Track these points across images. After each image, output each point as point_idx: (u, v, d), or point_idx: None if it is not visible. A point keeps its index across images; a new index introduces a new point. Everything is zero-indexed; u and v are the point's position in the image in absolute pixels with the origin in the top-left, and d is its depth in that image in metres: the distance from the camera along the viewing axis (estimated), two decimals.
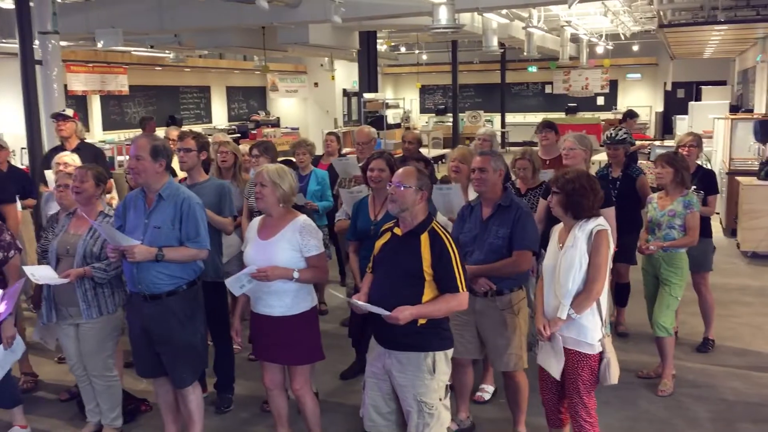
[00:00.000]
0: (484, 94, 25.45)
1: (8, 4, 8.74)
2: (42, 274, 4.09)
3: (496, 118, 23.64)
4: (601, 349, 3.56)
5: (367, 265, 3.70)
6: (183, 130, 5.15)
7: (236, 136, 16.70)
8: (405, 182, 3.40)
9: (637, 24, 16.43)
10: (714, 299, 5.79)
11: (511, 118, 24.35)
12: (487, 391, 4.91)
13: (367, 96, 14.50)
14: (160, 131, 11.40)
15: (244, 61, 19.18)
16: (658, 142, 14.49)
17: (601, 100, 23.85)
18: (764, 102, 12.58)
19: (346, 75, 19.69)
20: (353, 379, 5.19)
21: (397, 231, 3.46)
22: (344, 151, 9.51)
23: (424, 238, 3.34)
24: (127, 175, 5.77)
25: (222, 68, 18.91)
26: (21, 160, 10.98)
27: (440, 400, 3.39)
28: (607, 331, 3.68)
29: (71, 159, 5.26)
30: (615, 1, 13.08)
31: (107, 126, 15.85)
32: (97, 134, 15.31)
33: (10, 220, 5.33)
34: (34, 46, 7.89)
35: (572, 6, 8.97)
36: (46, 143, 7.72)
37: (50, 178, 5.49)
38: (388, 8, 9.65)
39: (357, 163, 6.11)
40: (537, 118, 20.69)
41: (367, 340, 3.62)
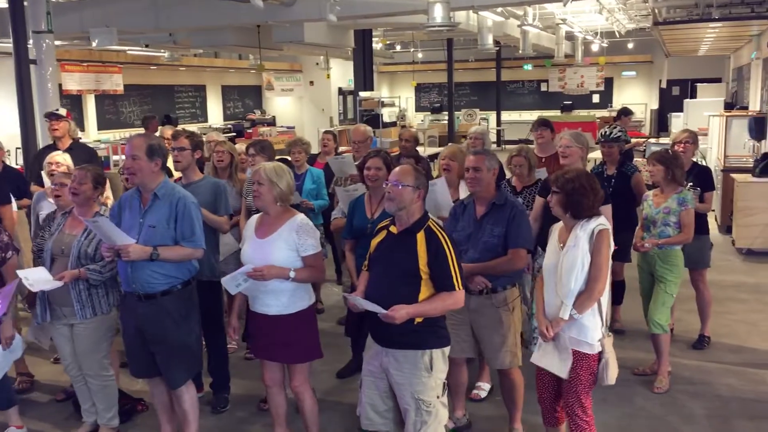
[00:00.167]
0: (480, 92, 25.47)
1: (2, 3, 8.71)
2: (36, 278, 4.06)
3: (492, 116, 23.65)
4: (600, 349, 3.56)
5: (363, 264, 3.69)
6: (177, 129, 5.12)
7: (232, 135, 16.70)
8: (403, 180, 3.39)
9: (632, 21, 16.46)
10: (711, 295, 5.80)
11: (507, 116, 24.37)
12: (483, 389, 4.92)
13: (363, 94, 14.50)
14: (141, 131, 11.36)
15: (240, 60, 19.16)
16: (653, 140, 14.50)
17: (596, 98, 23.87)
18: (759, 99, 12.59)
19: (342, 73, 19.67)
20: (350, 378, 5.19)
21: (393, 229, 3.45)
22: (340, 150, 9.50)
23: (420, 237, 3.34)
24: (123, 175, 5.74)
25: (217, 67, 18.89)
26: (16, 160, 10.96)
27: (438, 398, 3.39)
28: (608, 332, 3.67)
29: (63, 159, 5.25)
30: None
31: (102, 125, 15.82)
32: (92, 134, 15.28)
33: (6, 220, 5.31)
34: (29, 46, 7.88)
35: (567, 4, 8.98)
36: (40, 143, 7.71)
37: (47, 180, 5.48)
38: (383, 6, 9.65)
39: (353, 162, 6.10)
40: (532, 116, 20.74)
41: (364, 338, 3.61)
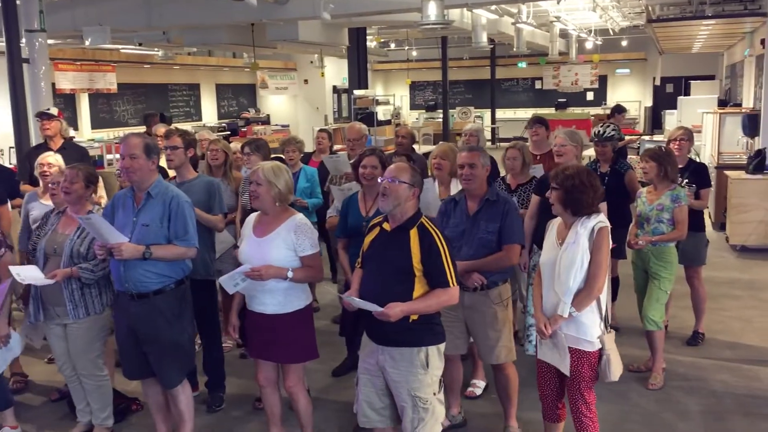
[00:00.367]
0: (474, 90, 25.47)
1: None
2: (28, 275, 4.05)
3: (486, 114, 23.65)
4: (600, 346, 3.56)
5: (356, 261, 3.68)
6: (169, 128, 5.10)
7: (226, 133, 16.66)
8: (399, 177, 3.37)
9: (626, 19, 16.48)
10: (706, 292, 5.82)
11: (501, 113, 24.38)
12: (478, 386, 4.93)
13: (357, 93, 14.47)
14: (143, 129, 11.32)
15: (234, 58, 19.11)
16: (647, 137, 14.55)
17: (590, 96, 23.90)
18: (752, 96, 12.62)
19: (336, 72, 19.65)
20: (345, 376, 5.19)
21: (386, 226, 3.44)
22: (335, 148, 9.48)
23: (414, 234, 3.33)
24: (118, 175, 5.71)
25: (211, 66, 18.84)
26: (9, 159, 10.92)
27: (434, 395, 3.40)
28: (609, 329, 3.66)
29: (54, 160, 5.21)
30: None
31: (96, 124, 15.75)
32: (86, 133, 15.22)
33: (3, 220, 5.29)
34: (21, 45, 7.84)
35: (561, 1, 8.98)
36: (33, 142, 7.66)
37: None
38: (377, 4, 9.65)
39: (348, 161, 6.09)
40: (527, 113, 20.75)
41: (360, 336, 3.61)
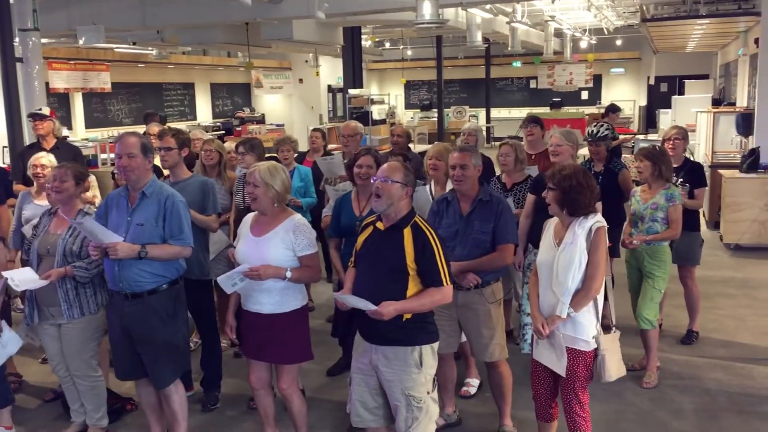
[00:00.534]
0: (469, 89, 25.49)
1: None
2: (22, 278, 4.03)
3: (481, 114, 23.69)
4: (596, 346, 3.55)
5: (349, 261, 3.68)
6: (163, 128, 5.09)
7: (221, 133, 16.64)
8: (391, 177, 3.37)
9: (620, 18, 16.51)
10: (700, 291, 5.83)
11: (496, 113, 24.41)
12: (472, 385, 4.93)
13: (352, 92, 14.46)
14: (140, 128, 11.29)
15: (228, 57, 19.09)
16: (641, 136, 14.57)
17: (585, 95, 23.95)
18: (746, 95, 12.65)
19: (331, 71, 19.63)
20: (340, 376, 5.19)
21: (380, 225, 3.43)
22: (329, 148, 9.47)
23: (407, 233, 3.33)
24: (115, 173, 5.70)
25: (206, 65, 18.80)
26: (2, 159, 10.87)
27: (428, 394, 3.39)
28: (615, 329, 3.68)
29: (48, 160, 5.20)
30: None
31: (90, 124, 15.71)
32: (80, 132, 15.17)
33: (2, 221, 5.26)
34: (15, 44, 7.81)
35: (556, 0, 8.99)
36: (27, 142, 7.64)
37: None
38: (371, 4, 9.63)
39: (342, 162, 6.06)
40: (522, 113, 20.75)
41: (353, 336, 3.60)
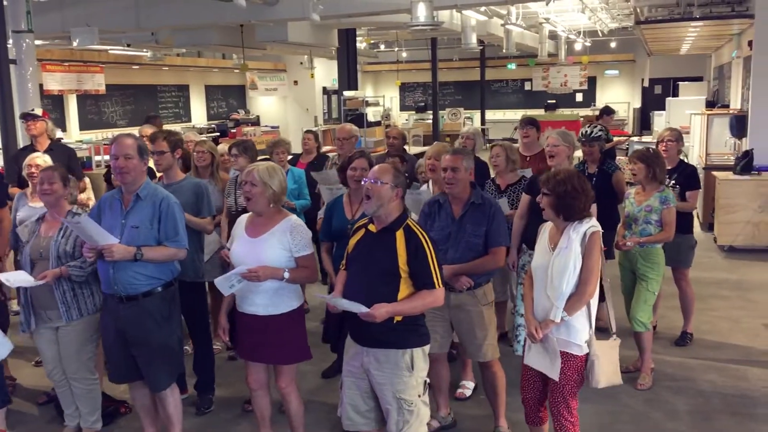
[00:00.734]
0: (464, 91, 25.52)
1: None
2: (18, 279, 4.03)
3: (476, 116, 23.70)
4: (588, 350, 3.55)
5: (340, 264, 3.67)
6: (155, 131, 5.07)
7: (216, 135, 16.62)
8: (381, 178, 3.38)
9: (615, 21, 16.55)
10: (694, 293, 5.84)
11: (491, 115, 24.43)
12: (467, 387, 4.93)
13: (347, 94, 14.47)
14: (134, 130, 11.26)
15: (223, 59, 19.06)
16: (635, 138, 14.61)
17: (579, 97, 24.00)
18: (740, 97, 12.69)
19: (326, 73, 19.63)
20: (335, 378, 5.16)
21: (372, 228, 3.44)
22: (323, 150, 9.45)
23: (399, 235, 3.33)
24: (111, 176, 5.67)
25: (200, 67, 18.78)
26: None
27: (419, 397, 3.39)
28: (593, 334, 3.67)
29: (43, 161, 5.18)
30: None
31: (84, 126, 15.68)
32: (74, 134, 15.14)
33: (4, 222, 5.24)
34: (8, 45, 7.79)
35: (550, 3, 9.01)
36: (20, 144, 7.63)
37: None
38: (366, 6, 9.64)
39: (336, 173, 5.99)
40: (517, 115, 20.78)
41: (345, 339, 3.60)
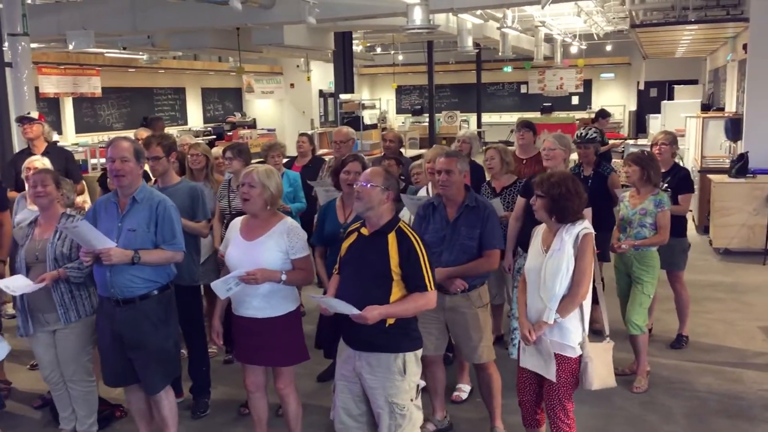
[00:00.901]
0: (460, 94, 25.53)
1: None
2: (17, 285, 4.02)
3: (472, 118, 23.72)
4: (581, 352, 3.56)
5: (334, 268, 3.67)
6: (149, 136, 5.06)
7: (212, 138, 16.59)
8: (371, 180, 3.39)
9: (610, 24, 16.59)
10: (689, 296, 5.85)
11: (487, 117, 24.45)
12: (464, 390, 4.93)
13: (344, 97, 14.46)
14: (130, 133, 11.25)
15: (219, 62, 19.05)
16: (631, 141, 14.65)
17: (575, 100, 24.03)
18: (735, 100, 12.74)
19: (322, 76, 19.62)
20: (331, 381, 5.15)
21: (364, 231, 3.45)
22: (320, 153, 9.47)
23: (392, 238, 3.34)
24: (107, 179, 5.66)
25: (197, 69, 18.75)
26: None
27: (411, 401, 3.39)
28: (587, 336, 3.68)
29: (41, 163, 5.18)
30: (588, 1, 13.19)
31: (80, 129, 15.65)
32: (70, 137, 15.11)
33: (5, 227, 5.23)
34: (4, 48, 7.78)
35: (545, 6, 9.03)
36: (16, 147, 7.61)
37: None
38: (362, 9, 9.65)
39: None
40: (513, 117, 20.83)
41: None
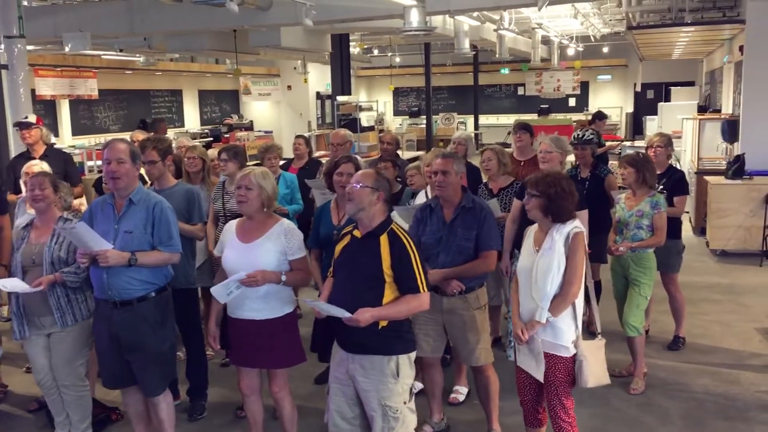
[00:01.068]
0: (458, 96, 25.57)
1: None
2: (13, 284, 4.02)
3: (470, 120, 23.74)
4: (575, 351, 3.57)
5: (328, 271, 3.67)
6: (145, 139, 5.04)
7: (209, 140, 16.57)
8: (362, 182, 3.40)
9: (607, 26, 16.62)
10: (684, 298, 5.86)
11: (485, 119, 24.48)
12: (461, 392, 4.93)
13: (341, 99, 14.48)
14: (127, 135, 11.22)
15: (216, 64, 19.05)
16: (628, 143, 14.66)
17: (572, 102, 24.09)
18: (731, 102, 12.75)
19: (320, 78, 19.63)
20: (327, 383, 5.16)
21: (357, 233, 3.45)
22: (316, 155, 9.46)
23: (384, 240, 3.34)
24: (103, 183, 5.64)
25: (194, 72, 18.73)
26: None
27: (405, 404, 3.39)
28: (580, 335, 3.68)
29: (41, 168, 5.16)
30: (585, 3, 13.21)
31: (77, 131, 15.62)
32: (67, 139, 15.09)
33: (5, 230, 5.21)
34: (0, 51, 7.77)
35: (542, 8, 9.04)
36: (13, 150, 7.60)
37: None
38: (359, 11, 9.65)
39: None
40: (510, 119, 20.85)
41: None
